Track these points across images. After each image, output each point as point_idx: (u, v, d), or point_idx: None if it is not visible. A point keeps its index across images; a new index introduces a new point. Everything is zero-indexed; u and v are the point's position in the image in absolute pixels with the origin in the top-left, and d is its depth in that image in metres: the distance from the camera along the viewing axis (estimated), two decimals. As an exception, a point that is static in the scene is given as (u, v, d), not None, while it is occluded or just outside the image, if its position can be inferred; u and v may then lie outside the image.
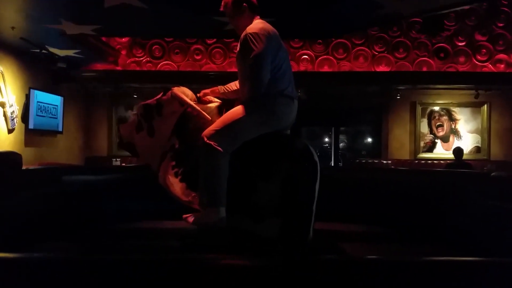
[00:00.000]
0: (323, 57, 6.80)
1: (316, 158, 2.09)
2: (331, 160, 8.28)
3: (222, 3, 2.30)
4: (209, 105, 2.36)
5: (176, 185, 2.24)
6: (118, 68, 6.82)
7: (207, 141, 2.07)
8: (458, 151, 6.44)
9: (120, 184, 3.05)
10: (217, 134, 2.07)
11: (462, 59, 6.65)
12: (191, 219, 2.14)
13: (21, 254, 1.37)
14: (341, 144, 8.00)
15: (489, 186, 2.58)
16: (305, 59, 6.80)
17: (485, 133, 7.28)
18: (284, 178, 2.02)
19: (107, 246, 2.25)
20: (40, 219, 2.28)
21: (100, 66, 6.68)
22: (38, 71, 6.11)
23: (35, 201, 2.37)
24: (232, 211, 2.07)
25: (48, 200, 2.47)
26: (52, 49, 5.64)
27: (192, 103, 2.30)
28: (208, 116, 2.24)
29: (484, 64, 6.65)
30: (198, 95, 2.42)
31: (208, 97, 2.39)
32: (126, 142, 2.49)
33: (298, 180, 2.02)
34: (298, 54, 6.80)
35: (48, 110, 6.27)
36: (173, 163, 2.28)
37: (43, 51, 5.56)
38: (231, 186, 2.07)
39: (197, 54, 6.85)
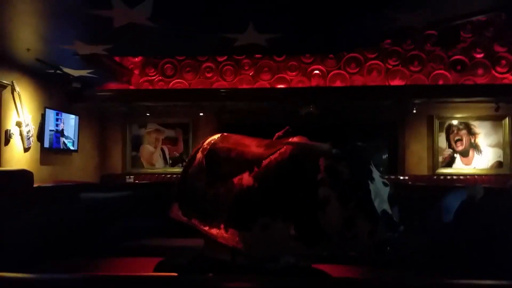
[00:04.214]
0: (335, 71, 6.71)
1: None
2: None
3: None
4: None
5: None
6: (132, 87, 6.90)
7: None
8: None
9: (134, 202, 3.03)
10: None
11: (480, 71, 6.46)
12: None
13: (29, 274, 1.30)
14: (355, 160, 7.80)
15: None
16: (316, 74, 6.73)
17: (508, 147, 7.00)
18: None
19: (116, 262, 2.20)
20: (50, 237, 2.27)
21: (114, 86, 6.77)
22: (53, 91, 6.23)
23: (46, 218, 2.37)
24: None
25: (58, 217, 2.47)
26: (66, 69, 5.74)
27: None
28: None
29: (505, 75, 6.43)
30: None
31: None
32: None
33: None
34: (309, 69, 6.74)
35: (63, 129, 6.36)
36: None
37: (58, 71, 5.66)
38: None
39: (208, 72, 6.87)
